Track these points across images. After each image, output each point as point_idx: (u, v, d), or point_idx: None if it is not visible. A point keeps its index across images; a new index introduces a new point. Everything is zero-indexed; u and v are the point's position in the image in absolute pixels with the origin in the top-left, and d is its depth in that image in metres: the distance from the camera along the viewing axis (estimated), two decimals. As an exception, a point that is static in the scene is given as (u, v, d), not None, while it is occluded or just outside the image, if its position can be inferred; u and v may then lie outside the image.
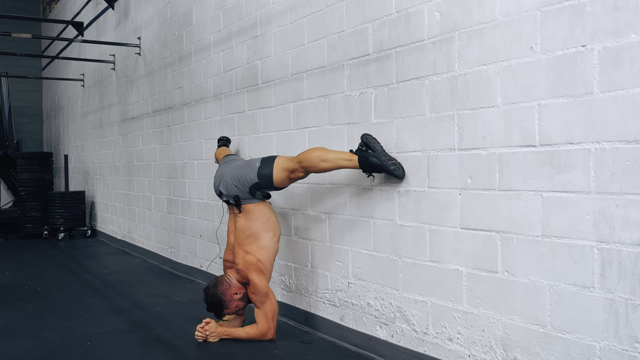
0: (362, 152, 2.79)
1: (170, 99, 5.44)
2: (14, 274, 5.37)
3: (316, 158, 2.91)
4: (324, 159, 2.90)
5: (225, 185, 3.22)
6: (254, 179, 3.10)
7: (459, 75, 2.45)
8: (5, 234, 8.13)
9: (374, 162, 2.73)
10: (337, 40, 3.16)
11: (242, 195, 3.15)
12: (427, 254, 2.62)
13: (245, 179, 3.13)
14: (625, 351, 1.89)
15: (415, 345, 2.70)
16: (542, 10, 2.12)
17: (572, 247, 2.03)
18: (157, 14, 5.73)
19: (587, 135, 1.98)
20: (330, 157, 2.89)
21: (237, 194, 3.15)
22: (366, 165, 2.76)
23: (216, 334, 3.19)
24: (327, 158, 2.89)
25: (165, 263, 5.64)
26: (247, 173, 3.14)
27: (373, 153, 2.75)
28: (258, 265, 3.14)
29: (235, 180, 3.16)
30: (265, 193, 3.19)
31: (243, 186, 3.13)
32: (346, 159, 2.85)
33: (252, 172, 3.12)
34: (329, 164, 2.89)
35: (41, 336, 3.37)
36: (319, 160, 2.90)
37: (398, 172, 2.71)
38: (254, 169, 3.12)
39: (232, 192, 3.17)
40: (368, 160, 2.74)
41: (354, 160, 2.81)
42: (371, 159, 2.74)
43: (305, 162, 2.95)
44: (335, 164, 2.88)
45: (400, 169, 2.72)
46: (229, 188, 3.19)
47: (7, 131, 9.02)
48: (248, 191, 3.13)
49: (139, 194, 6.37)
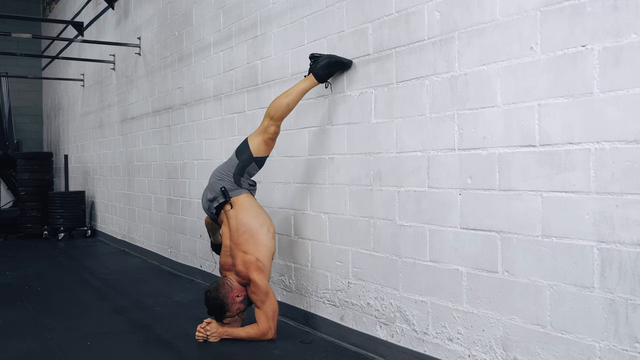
0: (313, 65, 3.07)
1: (170, 99, 5.44)
2: (14, 274, 5.37)
3: (280, 100, 3.15)
4: (285, 96, 3.14)
5: (210, 187, 3.28)
6: (235, 162, 3.22)
7: (459, 75, 2.46)
8: (5, 234, 8.13)
9: (323, 63, 3.01)
10: (337, 40, 3.16)
11: (228, 186, 3.21)
12: (427, 254, 2.62)
13: (227, 169, 3.24)
14: (625, 351, 1.89)
15: (415, 345, 2.70)
16: (542, 10, 2.12)
17: (572, 247, 2.03)
18: (157, 14, 5.73)
19: (587, 135, 1.99)
20: (290, 91, 3.13)
21: (223, 186, 3.21)
22: (320, 72, 3.03)
23: (217, 334, 3.19)
24: (287, 93, 3.14)
25: (165, 263, 5.64)
26: (227, 164, 3.27)
27: (320, 58, 3.05)
28: (257, 264, 3.14)
29: (218, 177, 3.25)
30: (251, 181, 3.28)
31: (227, 176, 3.22)
32: (303, 82, 3.11)
33: (232, 160, 3.26)
34: (291, 97, 3.12)
35: (41, 336, 3.37)
36: (282, 100, 3.14)
37: (345, 59, 3.01)
38: (232, 158, 3.27)
39: (218, 187, 3.22)
40: (319, 66, 3.02)
41: (310, 77, 3.06)
42: (320, 63, 3.03)
43: (271, 111, 3.16)
44: (296, 91, 3.12)
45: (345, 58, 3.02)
46: (214, 186, 3.25)
47: (7, 131, 9.03)
48: (233, 180, 3.20)
49: (139, 194, 6.37)
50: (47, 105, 11.33)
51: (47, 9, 11.13)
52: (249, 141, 3.24)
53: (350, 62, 3.02)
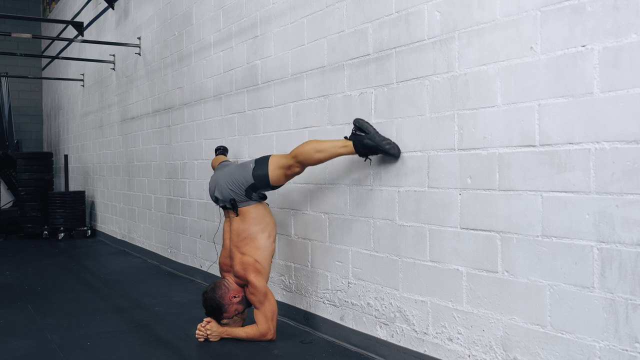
0: (357, 135, 2.77)
1: (170, 99, 5.44)
2: (14, 274, 5.37)
3: (311, 150, 2.88)
4: (318, 150, 2.87)
5: (220, 190, 3.20)
6: (250, 180, 3.08)
7: (459, 75, 2.46)
8: (5, 234, 8.13)
9: (369, 143, 2.71)
10: (337, 40, 3.16)
11: (238, 198, 3.13)
12: (427, 254, 2.62)
13: (240, 181, 3.10)
14: (625, 351, 1.89)
15: (415, 345, 2.70)
16: (542, 10, 2.12)
17: (572, 247, 2.03)
18: (157, 14, 5.73)
19: (587, 135, 1.99)
20: (324, 146, 2.87)
21: (233, 197, 3.14)
22: (362, 148, 2.75)
23: (217, 333, 3.19)
24: (322, 148, 2.87)
25: (165, 263, 5.64)
26: (242, 175, 3.11)
27: (367, 135, 2.73)
28: (256, 266, 3.14)
29: (230, 184, 3.13)
30: (261, 194, 3.18)
31: (239, 189, 3.11)
32: (341, 146, 2.83)
33: (247, 173, 3.09)
34: (324, 154, 2.87)
35: (41, 336, 3.37)
36: (313, 151, 2.88)
37: (393, 150, 2.71)
38: (248, 171, 3.10)
39: (228, 196, 3.15)
40: (363, 143, 2.73)
41: (349, 146, 2.79)
42: (366, 141, 2.73)
43: (300, 156, 2.93)
44: (331, 152, 2.86)
45: (395, 147, 2.71)
46: (224, 192, 3.17)
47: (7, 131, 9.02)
48: (244, 193, 3.11)
49: (139, 194, 6.37)
50: (47, 105, 11.33)
51: (47, 9, 11.12)
52: (270, 163, 3.05)
53: (397, 155, 2.72)
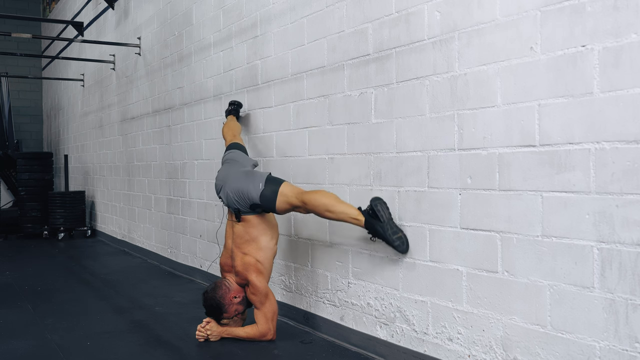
0: (370, 217, 2.73)
1: (170, 99, 5.44)
2: (14, 274, 5.37)
3: (321, 206, 2.84)
4: (329, 210, 2.83)
5: (226, 195, 3.18)
6: (256, 200, 3.04)
7: (459, 75, 2.46)
8: (5, 234, 8.13)
9: (380, 232, 2.70)
10: (337, 40, 3.16)
11: (242, 209, 3.12)
12: (427, 254, 2.62)
13: (247, 195, 3.06)
14: (625, 351, 1.89)
15: (415, 345, 2.70)
16: (542, 10, 2.12)
17: (572, 247, 2.03)
18: (157, 14, 5.73)
19: (587, 135, 1.99)
20: (336, 209, 2.82)
21: (238, 208, 3.12)
22: (372, 230, 2.73)
23: (217, 333, 3.19)
24: (333, 210, 2.82)
25: (165, 263, 5.64)
26: (249, 190, 3.06)
27: (380, 223, 2.69)
28: (257, 266, 3.14)
29: (236, 195, 3.10)
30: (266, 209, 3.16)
31: (244, 202, 3.09)
32: (352, 217, 2.79)
33: (255, 191, 3.04)
34: (333, 215, 2.83)
35: (41, 336, 3.37)
36: (324, 208, 2.84)
37: (402, 247, 2.68)
38: (257, 189, 3.04)
39: (233, 205, 3.14)
40: (374, 228, 2.71)
41: (360, 221, 2.76)
42: (377, 228, 2.70)
43: (309, 205, 2.89)
44: (340, 217, 2.82)
45: (405, 243, 2.69)
46: (229, 200, 3.15)
47: (7, 131, 9.02)
48: (249, 207, 3.10)
49: (139, 194, 6.37)
50: (47, 105, 11.33)
51: (47, 9, 11.12)
52: (280, 194, 2.98)
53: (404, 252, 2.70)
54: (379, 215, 2.71)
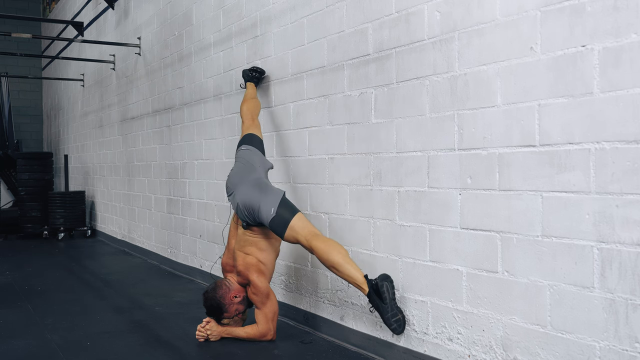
0: (374, 292, 2.71)
1: (170, 99, 5.44)
2: (14, 274, 5.37)
3: (329, 262, 2.81)
4: (336, 268, 2.80)
5: (236, 206, 3.14)
6: (265, 224, 3.01)
7: (459, 75, 2.45)
8: (5, 234, 8.13)
9: (380, 310, 2.69)
10: (337, 40, 3.16)
11: (250, 222, 3.09)
12: (427, 254, 2.62)
13: (257, 215, 3.02)
14: (625, 351, 1.89)
15: (415, 345, 2.70)
16: (542, 10, 2.12)
17: (572, 247, 2.03)
18: (157, 14, 5.73)
19: (587, 135, 1.99)
20: (343, 270, 2.78)
21: (246, 221, 3.10)
22: (373, 304, 2.72)
23: (217, 333, 3.19)
24: (340, 270, 2.79)
25: (165, 263, 5.64)
26: (260, 212, 3.00)
27: (383, 305, 2.68)
28: (259, 266, 3.14)
29: (246, 210, 3.06)
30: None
31: (253, 219, 3.06)
32: (357, 283, 2.75)
33: (266, 216, 2.98)
34: (338, 273, 2.81)
35: (41, 336, 3.37)
36: (330, 265, 2.82)
37: (398, 330, 2.70)
38: (268, 214, 2.97)
39: (242, 217, 3.11)
40: (375, 304, 2.70)
41: (364, 290, 2.73)
42: (379, 305, 2.69)
43: (316, 252, 2.86)
44: (344, 278, 2.80)
45: (402, 326, 2.70)
46: (239, 211, 3.12)
47: (7, 131, 9.02)
48: (257, 224, 3.08)
49: (139, 194, 6.37)
50: (47, 105, 11.33)
51: (47, 9, 11.12)
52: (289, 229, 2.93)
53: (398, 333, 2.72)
54: (382, 297, 2.68)
